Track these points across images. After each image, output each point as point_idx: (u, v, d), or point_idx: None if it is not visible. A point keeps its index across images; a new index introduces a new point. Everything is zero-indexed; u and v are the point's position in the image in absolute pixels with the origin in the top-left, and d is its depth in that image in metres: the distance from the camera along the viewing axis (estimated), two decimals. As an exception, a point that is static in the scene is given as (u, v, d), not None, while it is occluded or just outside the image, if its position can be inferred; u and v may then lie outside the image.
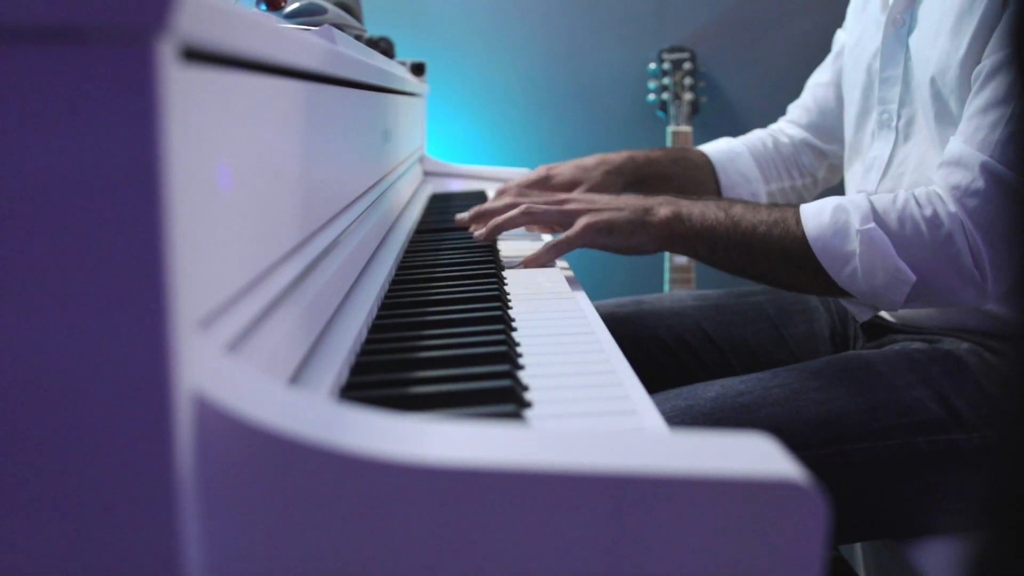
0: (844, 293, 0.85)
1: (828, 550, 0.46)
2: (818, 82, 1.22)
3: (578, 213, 0.89)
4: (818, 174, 1.24)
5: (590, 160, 1.17)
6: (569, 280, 0.84)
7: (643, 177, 1.18)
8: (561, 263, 0.95)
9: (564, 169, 1.16)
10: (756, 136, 1.27)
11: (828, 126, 1.19)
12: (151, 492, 0.31)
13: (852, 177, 1.05)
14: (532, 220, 0.91)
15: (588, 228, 0.87)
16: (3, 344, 0.31)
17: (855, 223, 0.82)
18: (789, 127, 1.26)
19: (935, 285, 0.81)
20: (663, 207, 0.88)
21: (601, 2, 2.04)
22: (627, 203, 0.89)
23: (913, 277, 0.80)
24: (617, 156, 1.18)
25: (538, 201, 0.93)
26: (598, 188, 1.13)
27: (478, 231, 0.94)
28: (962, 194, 0.79)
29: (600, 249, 0.89)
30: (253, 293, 0.45)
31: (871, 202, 0.83)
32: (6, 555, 0.31)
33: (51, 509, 0.31)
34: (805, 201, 0.98)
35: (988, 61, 0.80)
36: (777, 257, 0.86)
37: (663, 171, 1.20)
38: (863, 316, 1.01)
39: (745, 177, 1.23)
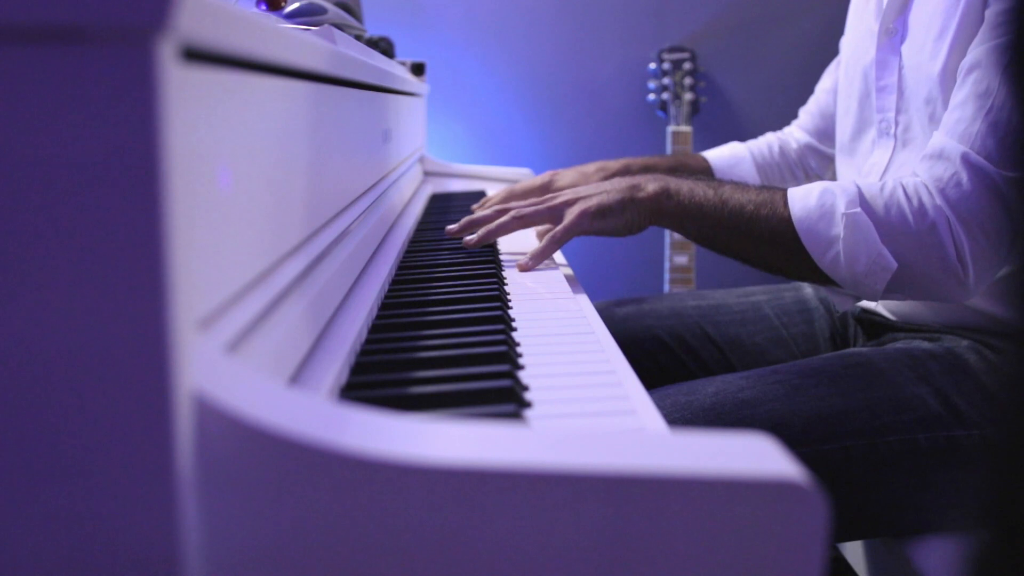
0: (826, 279, 0.86)
1: (828, 549, 0.46)
2: (822, 88, 1.26)
3: (567, 204, 0.90)
4: (824, 176, 1.27)
5: (590, 167, 1.20)
6: (569, 280, 0.84)
7: None
8: (561, 262, 0.95)
9: (566, 174, 1.18)
10: (764, 141, 1.31)
11: (831, 131, 1.21)
12: (151, 492, 0.31)
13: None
14: (523, 224, 0.92)
15: (582, 215, 0.87)
16: (4, 344, 0.31)
17: (841, 207, 0.82)
18: (797, 131, 1.30)
19: (916, 275, 0.81)
20: (651, 183, 0.90)
21: (601, 2, 2.04)
22: (613, 185, 0.91)
23: (895, 264, 0.81)
24: (615, 164, 1.21)
25: (523, 204, 0.94)
26: None
27: (469, 237, 0.94)
28: (944, 186, 0.80)
29: (596, 234, 0.89)
30: (253, 293, 0.45)
31: (859, 187, 0.83)
32: (8, 553, 0.31)
33: (51, 509, 0.31)
34: None
35: (971, 55, 0.81)
36: (763, 238, 0.86)
37: None
38: (843, 306, 0.99)
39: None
